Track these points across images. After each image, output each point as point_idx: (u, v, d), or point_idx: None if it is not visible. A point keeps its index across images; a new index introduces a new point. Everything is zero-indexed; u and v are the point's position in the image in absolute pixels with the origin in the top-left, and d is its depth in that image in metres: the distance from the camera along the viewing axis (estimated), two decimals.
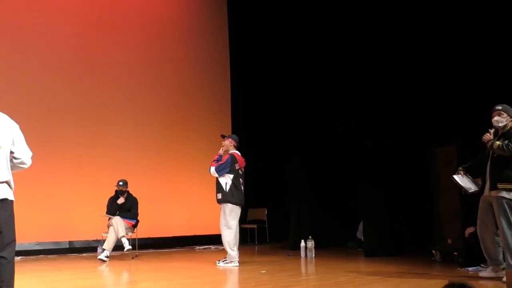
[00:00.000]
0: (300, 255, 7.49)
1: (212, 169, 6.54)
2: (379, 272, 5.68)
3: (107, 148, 9.13)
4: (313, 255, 7.35)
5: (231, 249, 6.46)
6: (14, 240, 3.28)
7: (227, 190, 6.48)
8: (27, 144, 3.52)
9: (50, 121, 8.66)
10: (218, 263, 6.61)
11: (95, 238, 8.38)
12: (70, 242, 8.63)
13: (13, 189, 3.37)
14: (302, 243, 7.54)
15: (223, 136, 6.92)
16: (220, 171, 6.51)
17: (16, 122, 3.51)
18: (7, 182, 3.30)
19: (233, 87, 10.68)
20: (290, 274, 5.80)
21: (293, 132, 9.19)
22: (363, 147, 7.65)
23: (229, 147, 6.74)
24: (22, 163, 3.45)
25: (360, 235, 8.13)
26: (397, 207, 7.29)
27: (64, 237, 8.57)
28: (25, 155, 3.47)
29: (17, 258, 3.31)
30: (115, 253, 7.76)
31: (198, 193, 9.48)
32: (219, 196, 6.54)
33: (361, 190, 7.53)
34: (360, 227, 8.09)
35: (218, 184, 6.57)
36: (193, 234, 9.61)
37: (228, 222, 6.46)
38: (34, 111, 8.40)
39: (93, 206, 8.14)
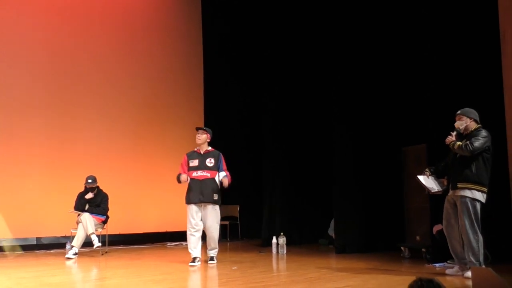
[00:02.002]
0: (271, 251, 7.52)
1: (228, 180, 6.29)
2: (349, 268, 5.75)
3: (77, 143, 8.98)
4: (285, 252, 7.38)
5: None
6: None
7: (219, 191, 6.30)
8: None
9: (16, 115, 8.45)
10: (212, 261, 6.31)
11: (63, 234, 8.22)
12: (38, 238, 8.44)
13: None
14: (274, 240, 7.57)
15: (201, 129, 6.51)
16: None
17: None
18: None
19: (205, 82, 10.63)
20: (261, 270, 5.81)
21: (265, 128, 9.19)
22: (335, 145, 7.71)
23: (206, 142, 6.44)
24: None
25: (331, 232, 8.20)
26: (368, 204, 7.38)
27: (31, 233, 8.38)
28: None
29: None
30: (84, 249, 7.64)
31: (170, 189, 9.37)
32: (216, 196, 6.25)
33: (333, 187, 7.59)
34: (332, 224, 8.17)
35: (214, 184, 6.27)
36: (165, 230, 9.53)
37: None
38: (0, 105, 8.20)
39: (62, 201, 8.00)
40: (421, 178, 5.31)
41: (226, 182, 6.29)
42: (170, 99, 10.17)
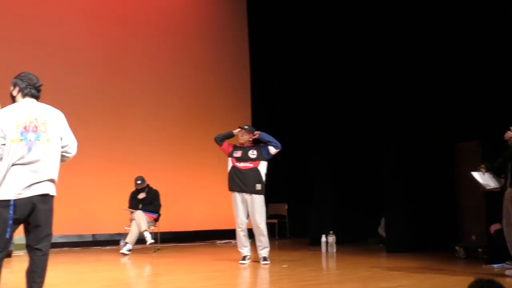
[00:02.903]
0: (320, 250, 7.48)
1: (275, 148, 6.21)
2: (402, 267, 5.65)
3: (129, 143, 9.26)
4: (334, 250, 7.34)
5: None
6: (51, 234, 3.33)
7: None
8: None
9: (74, 117, 8.74)
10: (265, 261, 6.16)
11: (117, 232, 8.50)
12: (93, 235, 8.78)
13: (55, 184, 3.38)
14: (323, 238, 7.53)
15: (244, 129, 6.38)
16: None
17: None
18: (51, 179, 3.34)
19: (252, 81, 10.71)
20: (311, 268, 5.81)
21: (314, 126, 9.17)
22: (386, 142, 7.60)
23: (248, 141, 6.34)
24: (67, 152, 3.45)
25: (381, 230, 8.08)
26: (420, 202, 7.23)
27: (87, 230, 8.72)
28: (72, 143, 3.46)
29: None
30: (137, 246, 7.86)
31: (218, 187, 9.50)
32: (259, 186, 6.16)
33: (384, 185, 7.48)
34: (382, 222, 8.04)
35: (256, 172, 6.21)
36: (214, 228, 9.67)
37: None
38: (58, 107, 8.54)
39: (116, 200, 8.25)
40: (475, 174, 5.14)
41: (273, 150, 6.25)
42: (218, 99, 10.30)
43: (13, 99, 3.41)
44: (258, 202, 6.19)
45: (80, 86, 8.99)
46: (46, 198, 3.27)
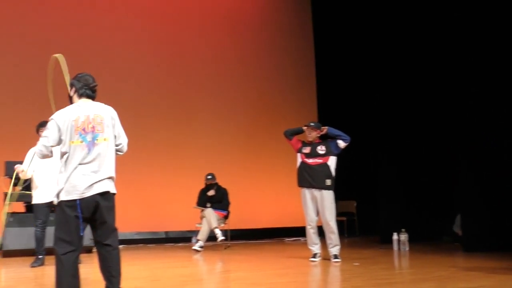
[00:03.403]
0: (392, 248, 7.30)
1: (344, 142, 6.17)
2: (481, 267, 5.39)
3: (197, 142, 9.54)
4: (407, 249, 7.14)
5: None
6: (116, 229, 3.45)
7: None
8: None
9: (145, 119, 9.14)
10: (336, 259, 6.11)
11: (189, 229, 8.74)
12: (166, 232, 9.09)
13: (114, 181, 3.48)
14: (395, 236, 7.34)
15: (311, 126, 6.32)
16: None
17: None
18: (111, 177, 3.44)
19: (318, 77, 10.64)
20: (383, 267, 5.68)
21: (381, 121, 8.95)
22: (460, 136, 7.28)
23: (316, 137, 6.31)
24: (120, 150, 3.52)
25: (457, 228, 7.76)
26: (498, 199, 6.86)
27: (160, 227, 9.04)
28: (124, 141, 3.54)
29: (120, 247, 3.47)
30: (208, 243, 8.03)
31: (286, 184, 9.54)
32: (329, 182, 6.11)
33: (458, 181, 7.16)
34: (458, 220, 7.71)
35: (326, 168, 6.18)
36: (282, 226, 9.71)
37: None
38: (129, 108, 8.90)
39: (187, 198, 8.47)
40: None
41: (342, 144, 6.19)
42: (284, 96, 10.34)
43: (71, 100, 3.52)
44: (327, 199, 6.14)
45: (150, 86, 9.35)
46: (107, 196, 3.38)
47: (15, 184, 6.33)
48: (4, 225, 7.02)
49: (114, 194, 3.45)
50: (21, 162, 6.14)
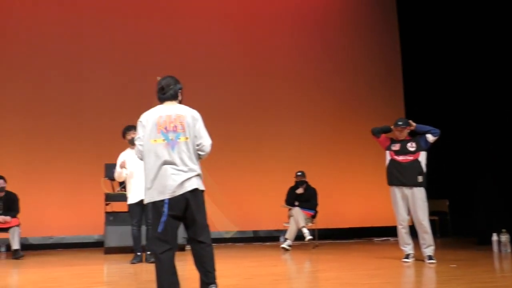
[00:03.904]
0: (491, 250, 6.87)
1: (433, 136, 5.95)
2: None
3: (285, 141, 9.63)
4: (509, 250, 6.70)
5: None
6: (208, 225, 3.53)
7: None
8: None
9: (228, 120, 9.34)
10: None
11: (276, 228, 8.81)
12: (254, 231, 9.24)
13: (202, 178, 3.53)
14: (494, 237, 6.92)
15: (403, 125, 6.07)
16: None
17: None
18: (198, 174, 3.52)
19: (404, 73, 10.32)
20: (484, 269, 5.37)
21: (474, 116, 8.49)
22: None
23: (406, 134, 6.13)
24: (201, 150, 3.55)
25: None
26: None
27: (248, 226, 9.21)
28: (206, 142, 3.56)
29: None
30: (296, 242, 8.04)
31: (374, 182, 9.32)
32: (420, 178, 5.89)
33: None
34: None
35: (417, 164, 5.93)
36: (370, 225, 9.51)
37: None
38: (212, 111, 9.17)
39: (275, 197, 8.54)
40: None
41: (432, 138, 5.95)
42: (370, 93, 10.16)
43: (159, 100, 3.65)
44: (419, 197, 5.92)
45: (233, 87, 9.57)
46: (196, 193, 3.45)
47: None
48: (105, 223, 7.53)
49: (203, 191, 3.53)
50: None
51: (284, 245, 7.69)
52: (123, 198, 6.74)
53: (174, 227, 3.45)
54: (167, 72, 3.84)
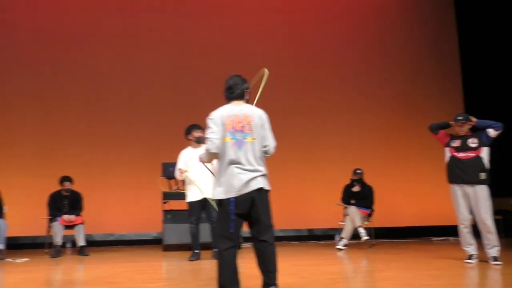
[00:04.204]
0: None
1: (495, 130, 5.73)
2: None
3: (341, 138, 9.60)
4: None
5: None
6: (272, 225, 3.56)
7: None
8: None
9: (282, 117, 9.31)
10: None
11: (332, 227, 8.73)
12: (309, 230, 9.20)
13: (268, 178, 3.58)
14: None
15: (463, 121, 5.84)
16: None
17: None
18: (264, 174, 3.56)
19: (463, 69, 9.99)
20: None
21: None
22: None
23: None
24: (266, 152, 3.60)
25: None
26: None
27: (304, 225, 9.18)
28: (271, 144, 3.61)
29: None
30: (351, 241, 7.94)
31: (432, 180, 9.06)
32: (483, 175, 5.69)
33: None
34: None
35: (479, 161, 5.71)
36: (429, 224, 9.25)
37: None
38: (268, 107, 9.20)
39: (330, 196, 8.48)
40: None
41: (493, 132, 5.70)
42: (427, 88, 9.95)
43: (226, 100, 3.69)
44: (482, 195, 5.69)
45: (282, 87, 9.54)
46: (261, 192, 3.48)
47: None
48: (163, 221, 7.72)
49: (268, 191, 3.57)
50: (174, 164, 6.68)
51: (339, 246, 7.61)
52: (180, 196, 6.87)
53: (238, 225, 3.50)
54: (217, 71, 3.91)
